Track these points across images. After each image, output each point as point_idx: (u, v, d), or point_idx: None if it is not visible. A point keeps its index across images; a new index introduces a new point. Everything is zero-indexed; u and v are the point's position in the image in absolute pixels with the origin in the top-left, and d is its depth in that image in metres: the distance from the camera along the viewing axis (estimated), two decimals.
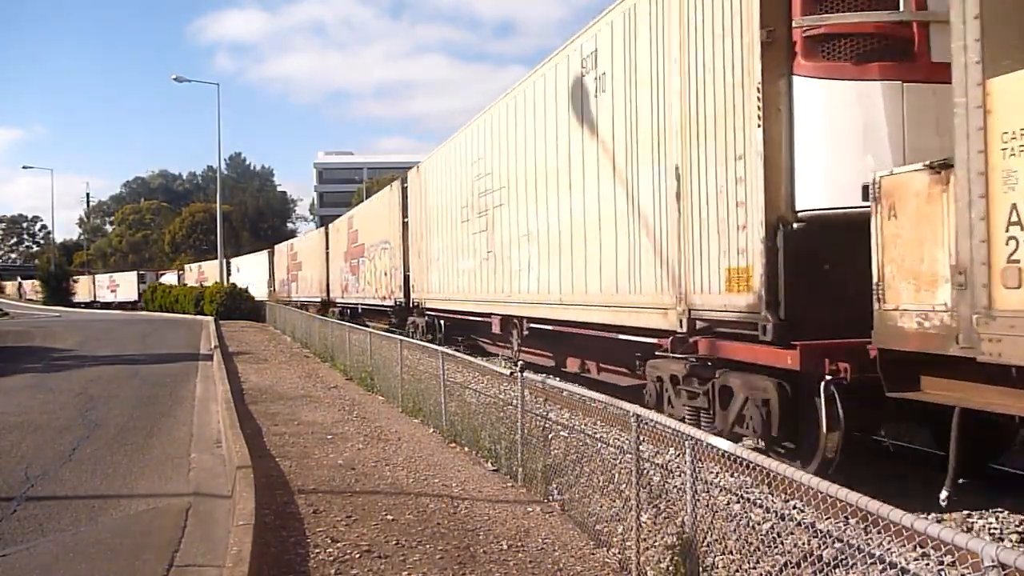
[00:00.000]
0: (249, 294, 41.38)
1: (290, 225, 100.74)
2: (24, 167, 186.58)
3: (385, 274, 23.81)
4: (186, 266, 67.03)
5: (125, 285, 67.73)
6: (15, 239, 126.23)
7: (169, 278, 63.50)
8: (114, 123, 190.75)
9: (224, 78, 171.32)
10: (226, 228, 51.63)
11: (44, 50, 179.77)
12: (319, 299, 35.78)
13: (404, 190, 21.79)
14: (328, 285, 34.85)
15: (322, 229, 37.21)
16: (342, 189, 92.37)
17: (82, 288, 75.63)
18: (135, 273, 68.30)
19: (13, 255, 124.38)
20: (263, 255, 52.76)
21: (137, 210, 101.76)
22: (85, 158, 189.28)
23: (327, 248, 35.04)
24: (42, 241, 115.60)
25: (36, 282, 76.39)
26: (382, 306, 24.62)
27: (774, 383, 6.64)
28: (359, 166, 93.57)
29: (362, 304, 28.09)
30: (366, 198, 36.60)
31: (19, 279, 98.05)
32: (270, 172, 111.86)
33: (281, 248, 49.71)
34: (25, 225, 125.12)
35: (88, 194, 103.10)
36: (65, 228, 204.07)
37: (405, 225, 21.51)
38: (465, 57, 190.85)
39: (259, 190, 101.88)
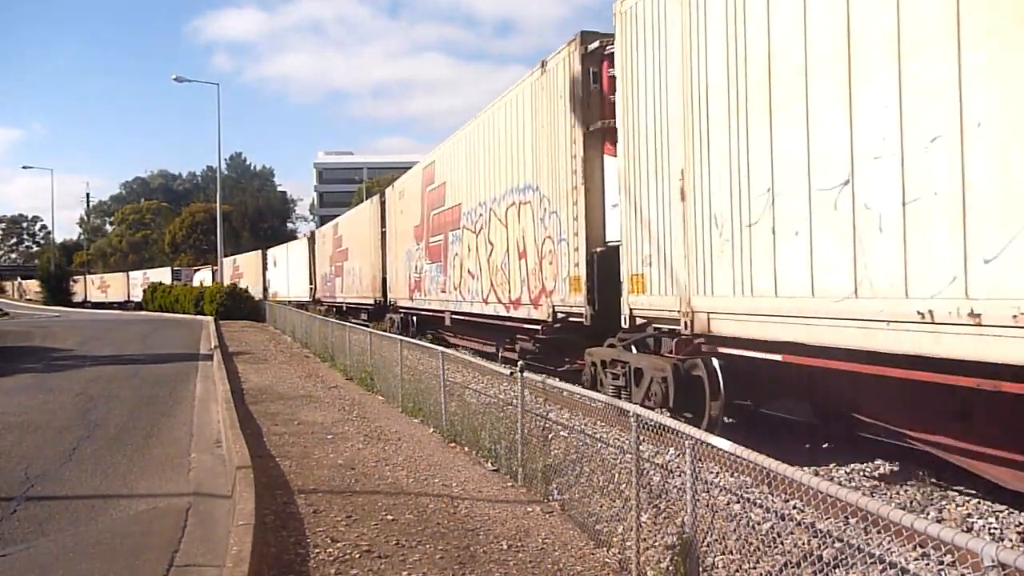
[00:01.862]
0: (249, 294, 41.06)
1: (290, 225, 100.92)
2: (24, 167, 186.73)
3: (522, 254, 12.67)
4: (222, 260, 61.96)
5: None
6: (15, 239, 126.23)
7: (203, 274, 59.36)
8: (114, 123, 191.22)
9: (223, 78, 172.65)
10: (226, 228, 51.45)
11: (44, 50, 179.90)
12: (371, 301, 25.64)
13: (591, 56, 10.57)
14: (385, 281, 24.56)
15: (373, 199, 26.65)
16: (342, 189, 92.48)
17: (115, 287, 71.25)
18: (169, 269, 64.51)
19: (13, 255, 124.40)
20: (303, 244, 42.15)
21: (137, 210, 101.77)
22: (85, 158, 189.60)
23: (382, 226, 24.85)
24: (42, 241, 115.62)
25: (36, 282, 74.60)
26: (511, 321, 13.37)
27: None
28: (359, 166, 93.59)
29: (455, 312, 16.74)
30: (366, 198, 33.78)
31: (19, 279, 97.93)
32: (270, 172, 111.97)
33: (324, 231, 37.51)
34: (25, 225, 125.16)
35: (88, 194, 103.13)
36: (65, 228, 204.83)
37: (594, 134, 10.55)
38: (465, 56, 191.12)
39: (259, 190, 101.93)
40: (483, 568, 4.99)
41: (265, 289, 48.03)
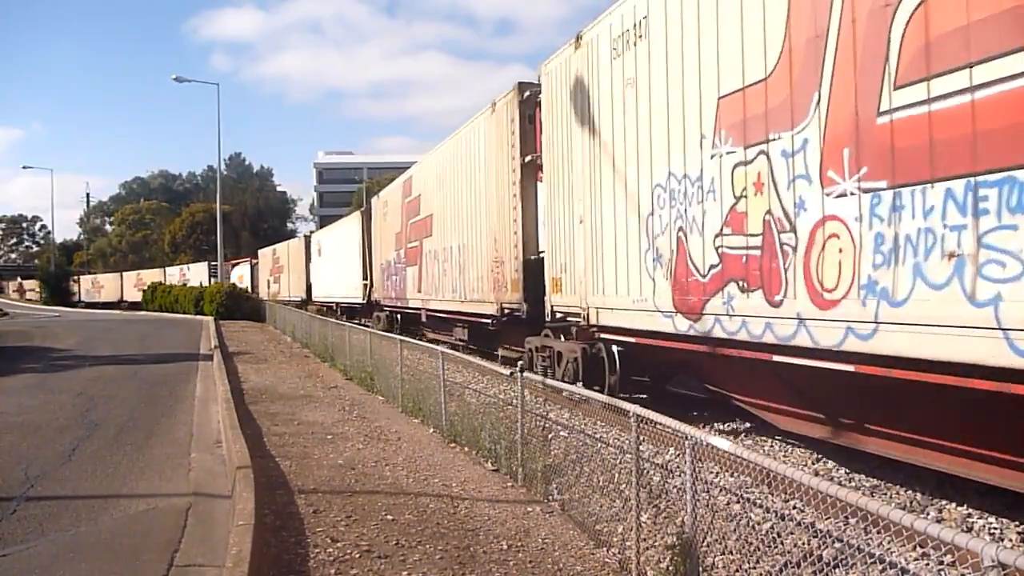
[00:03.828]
0: (249, 293, 40.97)
1: (290, 225, 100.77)
2: (24, 167, 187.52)
3: None
4: (260, 252, 53.38)
5: (196, 278, 56.04)
6: (15, 239, 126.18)
7: (242, 269, 55.02)
8: (114, 123, 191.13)
9: (221, 77, 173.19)
10: (226, 228, 51.28)
11: (44, 50, 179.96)
12: (491, 310, 14.13)
13: None
14: (529, 268, 12.62)
15: (499, 100, 13.69)
16: (342, 189, 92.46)
17: (151, 282, 66.46)
18: (206, 264, 59.42)
19: (13, 255, 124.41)
20: (353, 221, 28.84)
21: (137, 210, 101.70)
22: (85, 158, 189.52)
23: (521, 153, 12.75)
24: (42, 241, 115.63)
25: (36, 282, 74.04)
26: None
27: None
28: (359, 166, 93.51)
29: None
30: (366, 198, 32.40)
31: (19, 279, 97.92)
32: (270, 172, 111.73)
33: (386, 196, 24.33)
34: (25, 225, 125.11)
35: (88, 194, 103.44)
36: (65, 228, 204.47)
37: None
38: (464, 55, 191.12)
39: (259, 190, 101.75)
40: (483, 568, 4.99)
41: (308, 287, 36.23)
